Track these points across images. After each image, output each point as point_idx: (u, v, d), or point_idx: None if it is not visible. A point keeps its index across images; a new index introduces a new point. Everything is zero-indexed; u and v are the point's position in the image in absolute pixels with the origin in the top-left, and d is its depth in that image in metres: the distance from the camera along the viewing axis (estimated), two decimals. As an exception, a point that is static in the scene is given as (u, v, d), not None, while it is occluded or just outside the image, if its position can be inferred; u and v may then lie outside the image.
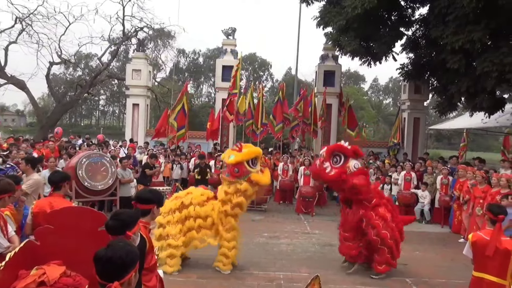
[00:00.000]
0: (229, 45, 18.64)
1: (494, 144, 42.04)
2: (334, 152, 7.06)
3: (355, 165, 7.03)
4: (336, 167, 6.97)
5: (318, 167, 7.16)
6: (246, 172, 6.93)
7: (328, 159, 7.05)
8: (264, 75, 62.74)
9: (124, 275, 2.31)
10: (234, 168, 6.95)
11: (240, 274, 7.07)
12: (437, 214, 11.95)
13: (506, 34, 11.85)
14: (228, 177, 7.05)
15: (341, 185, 7.11)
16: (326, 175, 7.04)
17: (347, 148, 7.12)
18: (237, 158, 6.94)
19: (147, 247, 3.63)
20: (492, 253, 4.44)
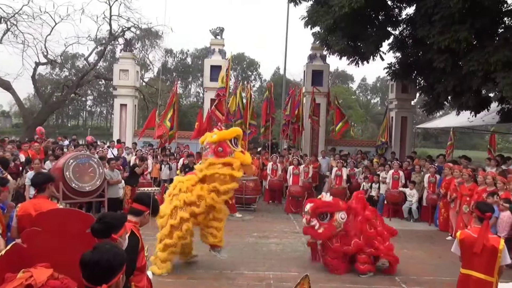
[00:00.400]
0: (217, 45, 18.58)
1: (480, 142, 42.53)
2: (318, 211, 7.25)
3: (341, 216, 7.24)
4: (324, 224, 7.20)
5: (307, 225, 7.35)
6: (230, 151, 6.92)
7: (314, 216, 7.24)
8: (252, 75, 62.74)
9: (112, 278, 2.28)
10: (218, 147, 6.90)
11: (230, 274, 7.06)
12: (425, 212, 12.06)
13: (491, 33, 11.99)
14: (212, 158, 6.96)
15: None
16: (317, 233, 7.24)
17: (330, 204, 7.35)
18: (219, 136, 6.93)
19: (139, 246, 3.61)
20: (479, 250, 4.49)
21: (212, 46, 18.72)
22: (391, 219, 12.12)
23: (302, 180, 12.88)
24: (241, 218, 11.63)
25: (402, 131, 18.21)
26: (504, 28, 12.25)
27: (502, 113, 13.81)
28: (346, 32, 13.60)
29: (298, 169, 12.91)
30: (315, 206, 7.30)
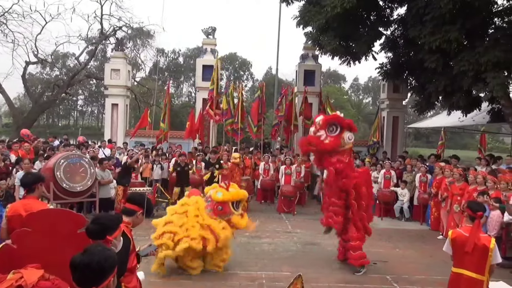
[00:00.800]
0: (209, 44, 18.56)
1: (470, 142, 42.85)
2: (331, 122, 7.12)
3: (349, 137, 7.13)
4: (332, 136, 7.02)
5: (313, 134, 7.18)
6: (229, 212, 6.98)
7: (324, 127, 7.08)
8: (244, 75, 62.70)
9: (102, 281, 2.24)
10: (218, 205, 6.94)
11: (222, 274, 7.05)
12: (416, 211, 12.13)
13: (481, 34, 12.07)
14: (209, 213, 7.00)
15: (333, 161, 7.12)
16: (321, 143, 7.03)
17: (344, 119, 7.22)
18: (224, 197, 6.95)
19: (131, 247, 3.59)
20: (471, 250, 4.51)
21: (204, 45, 18.70)
22: (383, 218, 12.18)
23: (294, 179, 12.89)
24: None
25: (394, 130, 18.30)
26: (495, 29, 12.34)
27: (492, 113, 13.92)
28: (338, 32, 13.62)
29: (290, 169, 12.92)
30: (329, 116, 7.33)
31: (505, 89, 11.39)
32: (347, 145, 7.17)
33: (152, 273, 6.69)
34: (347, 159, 7.22)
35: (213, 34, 18.70)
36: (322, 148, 7.10)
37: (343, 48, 14.35)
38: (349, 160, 7.32)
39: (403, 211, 12.22)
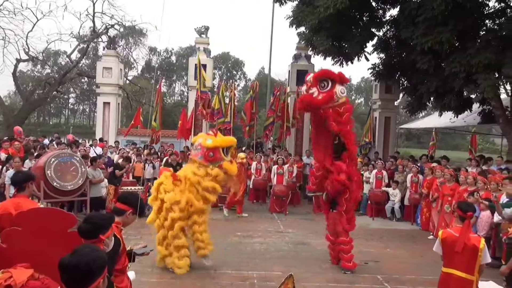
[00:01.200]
0: (202, 43, 18.52)
1: (461, 143, 43.10)
2: (321, 77, 7.04)
3: (341, 91, 7.07)
4: (324, 92, 6.94)
5: (305, 93, 7.11)
6: (220, 158, 7.00)
7: (316, 84, 6.99)
8: (237, 74, 62.66)
9: (91, 283, 2.22)
10: (209, 152, 6.95)
11: (213, 274, 7.04)
12: (407, 211, 12.19)
13: (473, 36, 12.17)
14: (200, 160, 7.02)
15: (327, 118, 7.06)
16: (314, 100, 6.94)
17: (334, 73, 7.12)
18: (215, 143, 6.99)
19: (121, 247, 3.57)
20: (461, 249, 4.54)
21: (197, 44, 18.66)
22: (374, 218, 12.23)
23: (286, 179, 12.90)
24: (246, 217, 11.73)
25: (386, 131, 18.36)
26: (486, 31, 12.45)
27: (483, 114, 14.04)
28: (331, 33, 13.66)
29: (282, 169, 12.93)
30: (319, 72, 7.28)
31: (496, 91, 11.51)
32: (340, 99, 7.07)
33: (143, 273, 6.66)
34: (344, 116, 7.10)
35: (206, 33, 18.66)
36: (314, 104, 6.98)
37: (335, 49, 14.39)
38: (346, 116, 7.15)
39: (394, 211, 12.28)
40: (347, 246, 7.50)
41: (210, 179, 6.97)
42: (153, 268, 7.09)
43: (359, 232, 10.40)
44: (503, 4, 12.52)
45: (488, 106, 13.36)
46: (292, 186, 13.25)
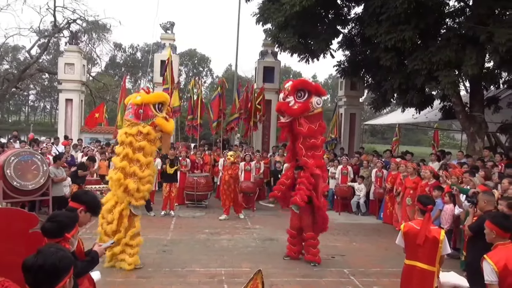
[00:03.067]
0: (167, 39, 18.29)
1: (423, 138, 44.42)
2: (299, 87, 7.21)
3: (317, 102, 7.24)
4: (300, 102, 7.12)
5: (282, 100, 7.30)
6: (152, 115, 6.83)
7: (293, 93, 7.18)
8: (204, 71, 62.25)
9: (57, 283, 2.17)
10: (139, 109, 6.80)
11: (181, 272, 6.98)
12: (372, 206, 12.44)
13: (434, 34, 12.51)
14: (131, 119, 6.87)
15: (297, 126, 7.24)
16: (290, 109, 7.15)
17: (311, 84, 7.39)
18: (143, 99, 6.82)
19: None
20: (422, 242, 4.66)
21: (163, 40, 18.43)
22: (340, 213, 12.42)
23: (253, 176, 12.92)
24: (244, 218, 11.46)
25: (351, 127, 18.65)
26: (446, 29, 12.81)
27: (444, 111, 14.46)
28: (297, 30, 13.74)
29: (250, 165, 12.93)
30: (297, 82, 7.43)
31: (456, 88, 11.85)
32: (316, 110, 7.27)
33: (109, 272, 6.54)
34: (317, 125, 7.33)
35: (172, 29, 18.45)
36: (290, 113, 7.22)
37: (302, 46, 14.48)
38: (319, 125, 7.43)
39: (359, 206, 12.50)
40: (315, 241, 7.65)
41: (142, 138, 6.81)
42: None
43: (325, 227, 10.58)
44: (462, 3, 12.92)
45: (449, 103, 13.77)
46: (259, 182, 13.28)
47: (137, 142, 6.80)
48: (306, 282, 6.78)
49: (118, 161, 6.92)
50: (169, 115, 7.51)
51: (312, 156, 7.41)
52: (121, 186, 6.82)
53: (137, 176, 6.86)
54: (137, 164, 6.85)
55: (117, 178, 6.80)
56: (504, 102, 13.86)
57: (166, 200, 11.36)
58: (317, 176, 7.38)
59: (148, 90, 7.13)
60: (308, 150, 7.39)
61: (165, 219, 10.83)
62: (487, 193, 5.95)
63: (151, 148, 6.98)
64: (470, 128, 12.74)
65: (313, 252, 7.61)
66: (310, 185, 7.35)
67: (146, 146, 6.85)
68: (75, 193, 4.13)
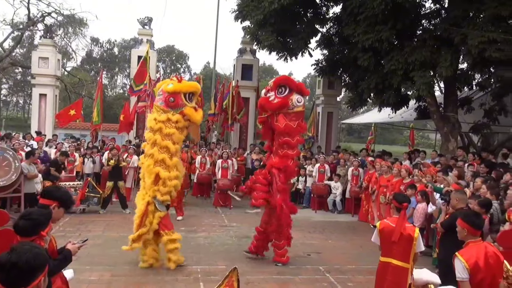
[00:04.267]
0: (145, 35, 18.10)
1: (399, 137, 45.06)
2: (280, 83, 7.21)
3: (298, 100, 7.19)
4: (280, 97, 7.11)
5: (264, 95, 7.33)
6: (182, 104, 6.85)
7: (274, 89, 7.19)
8: (181, 68, 61.74)
9: (32, 281, 2.11)
10: (170, 97, 6.82)
11: (157, 270, 6.91)
12: (348, 204, 12.56)
13: (410, 35, 12.69)
14: (161, 105, 6.89)
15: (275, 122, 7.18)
16: (269, 103, 7.16)
17: (293, 81, 7.34)
18: (175, 87, 6.84)
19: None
20: (397, 239, 4.73)
21: (140, 36, 18.22)
22: (317, 211, 12.50)
23: (231, 173, 12.89)
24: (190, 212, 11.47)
25: (328, 126, 18.79)
26: (422, 30, 13.03)
27: (419, 111, 14.70)
28: (275, 28, 13.77)
29: (227, 163, 12.90)
30: (279, 78, 7.47)
31: (430, 89, 12.06)
32: (296, 108, 7.18)
33: (82, 271, 6.41)
34: (295, 124, 7.23)
35: (150, 24, 18.25)
36: (268, 107, 7.24)
37: (280, 44, 14.52)
38: (298, 124, 7.30)
39: (336, 204, 12.60)
40: (281, 242, 7.47)
41: (171, 126, 6.82)
42: (92, 265, 6.86)
43: (302, 224, 10.63)
44: (438, 5, 13.14)
45: (424, 103, 13.99)
46: (236, 180, 13.26)
47: (166, 128, 6.80)
48: (282, 280, 6.81)
49: (148, 147, 6.92)
50: (199, 105, 7.44)
51: (283, 155, 7.25)
52: (152, 173, 6.79)
53: (166, 164, 6.83)
54: (166, 152, 6.83)
55: (148, 164, 6.82)
56: (477, 103, 14.17)
57: (142, 197, 11.22)
58: (273, 174, 7.26)
59: (180, 79, 7.10)
60: (280, 148, 7.27)
61: (141, 217, 10.70)
62: (459, 191, 6.08)
63: (179, 136, 6.96)
64: (444, 128, 12.98)
65: (279, 253, 7.48)
66: (266, 184, 7.27)
67: (175, 133, 6.84)
68: (46, 190, 4.03)
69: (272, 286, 6.51)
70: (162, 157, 6.79)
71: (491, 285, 3.62)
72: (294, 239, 9.21)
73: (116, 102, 38.48)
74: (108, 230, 9.23)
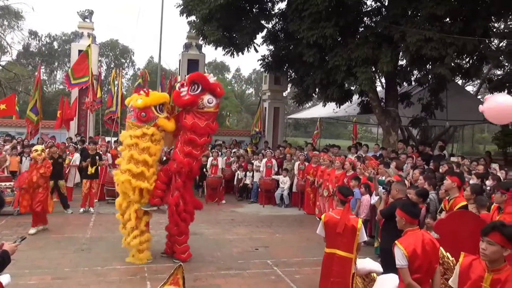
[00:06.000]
0: (86, 28, 17.42)
1: (343, 131, 46.29)
2: (193, 80, 6.98)
3: (209, 100, 6.99)
4: (191, 94, 6.92)
5: (177, 89, 7.19)
6: (154, 117, 6.93)
7: (188, 85, 6.99)
8: (126, 62, 60.12)
9: None
10: (141, 112, 6.87)
11: (101, 270, 6.69)
12: (295, 198, 12.75)
13: (353, 31, 13.04)
14: (134, 122, 6.95)
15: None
16: (179, 99, 7.03)
17: (207, 80, 6.99)
18: (145, 102, 6.86)
19: None
20: (342, 230, 4.86)
21: (80, 29, 17.53)
22: (264, 206, 12.59)
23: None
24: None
25: (275, 121, 18.98)
26: (364, 27, 13.43)
27: (362, 105, 15.16)
28: (221, 23, 13.70)
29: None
30: (193, 74, 7.23)
31: (372, 84, 12.48)
32: (206, 108, 6.99)
33: (20, 275, 6.10)
34: (204, 124, 7.03)
35: (90, 17, 17.58)
36: (177, 103, 7.19)
37: (226, 39, 14.48)
38: (207, 124, 7.09)
39: (283, 198, 12.75)
40: (181, 238, 7.34)
41: (147, 139, 6.91)
42: (32, 269, 6.55)
43: (250, 219, 10.71)
44: (378, 3, 13.58)
45: (366, 98, 14.44)
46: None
47: (143, 143, 6.90)
48: (229, 275, 6.80)
49: (124, 163, 6.99)
50: (169, 113, 7.34)
51: (187, 152, 7.03)
52: (134, 188, 6.91)
53: (145, 176, 6.95)
54: (144, 165, 6.91)
55: (126, 180, 6.86)
56: (415, 98, 14.80)
57: (86, 197, 10.83)
58: (173, 171, 7.15)
59: (147, 92, 7.06)
60: (185, 145, 7.05)
61: (84, 217, 10.34)
62: (399, 182, 6.33)
63: (155, 148, 7.05)
64: (385, 122, 13.45)
65: (179, 250, 7.30)
66: (165, 182, 7.18)
67: (151, 147, 6.95)
68: None
69: (219, 282, 6.48)
70: (141, 170, 6.89)
71: (428, 270, 3.80)
72: (242, 234, 9.31)
73: (56, 98, 36.87)
74: (48, 232, 8.84)
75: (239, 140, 17.97)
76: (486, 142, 33.34)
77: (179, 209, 7.16)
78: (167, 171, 7.22)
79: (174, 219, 7.23)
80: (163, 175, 7.20)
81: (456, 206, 5.79)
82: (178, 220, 7.21)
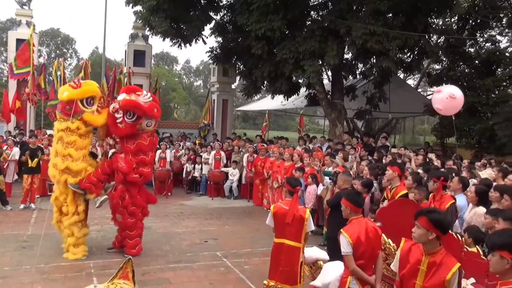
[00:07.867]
0: (24, 16, 16.54)
1: (291, 123, 46.96)
2: (128, 108, 6.71)
3: (147, 124, 6.88)
4: (128, 122, 6.75)
5: (111, 112, 6.81)
6: (80, 111, 6.63)
7: (123, 111, 6.73)
8: (68, 52, 57.78)
9: None
10: (66, 105, 6.60)
11: (44, 268, 6.46)
12: (244, 189, 12.84)
13: (300, 25, 13.22)
14: (61, 114, 6.71)
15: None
16: (117, 129, 6.88)
17: (141, 108, 6.69)
18: (70, 95, 6.56)
19: None
20: (290, 221, 4.96)
21: (18, 17, 16.63)
22: (214, 198, 12.60)
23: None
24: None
25: (223, 113, 18.94)
26: (311, 21, 13.65)
27: (309, 98, 15.45)
28: (169, 14, 13.43)
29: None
30: (126, 103, 6.69)
31: (319, 76, 12.74)
32: (146, 129, 6.92)
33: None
34: (148, 141, 6.99)
35: (29, 4, 16.72)
36: (115, 133, 7.10)
37: (174, 30, 14.23)
38: (150, 141, 7.05)
39: (232, 190, 12.80)
40: (132, 232, 7.21)
41: (72, 133, 6.64)
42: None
43: (199, 212, 10.71)
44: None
45: (313, 90, 14.72)
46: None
47: (67, 137, 6.64)
48: (179, 268, 6.77)
49: (52, 157, 6.93)
50: (102, 106, 6.97)
51: (138, 172, 6.94)
52: (59, 183, 6.77)
53: (71, 170, 6.68)
54: (70, 159, 6.64)
55: (52, 175, 6.80)
56: (360, 90, 15.28)
57: (27, 192, 10.37)
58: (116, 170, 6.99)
59: (77, 84, 6.65)
60: (133, 158, 6.92)
61: (24, 213, 9.91)
62: (345, 173, 6.55)
63: (83, 142, 6.77)
64: (331, 114, 13.79)
65: (129, 244, 7.18)
66: (105, 173, 7.04)
67: (77, 141, 6.68)
68: None
69: (169, 275, 6.44)
70: (66, 165, 6.64)
71: (371, 256, 3.98)
72: (191, 226, 9.29)
73: (-8, 88, 34.91)
74: (-14, 229, 8.42)
75: (188, 132, 17.79)
76: (426, 133, 34.96)
77: (125, 203, 7.01)
78: (111, 165, 7.01)
79: (119, 212, 7.09)
80: (106, 166, 7.03)
81: (397, 195, 6.06)
82: (124, 213, 7.06)
